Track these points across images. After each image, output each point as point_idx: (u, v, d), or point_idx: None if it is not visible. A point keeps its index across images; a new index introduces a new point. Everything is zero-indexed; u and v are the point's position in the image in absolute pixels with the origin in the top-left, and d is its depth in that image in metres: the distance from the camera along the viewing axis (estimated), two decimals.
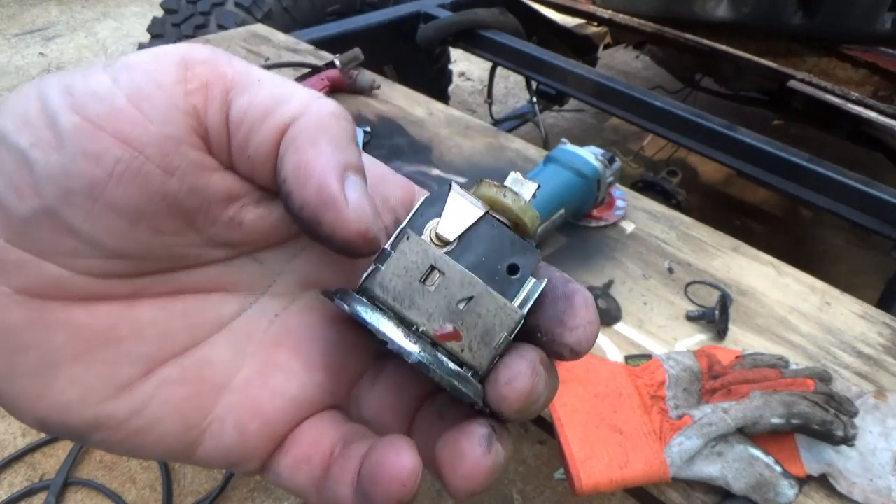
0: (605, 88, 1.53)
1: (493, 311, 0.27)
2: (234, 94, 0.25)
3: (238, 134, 0.25)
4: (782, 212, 2.44)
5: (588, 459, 0.69)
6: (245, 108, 0.24)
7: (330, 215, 0.24)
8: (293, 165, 0.24)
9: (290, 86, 0.26)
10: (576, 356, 0.27)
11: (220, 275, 0.28)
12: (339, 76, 1.33)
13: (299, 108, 0.25)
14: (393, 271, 0.27)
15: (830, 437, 0.67)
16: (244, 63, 0.26)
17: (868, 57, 1.72)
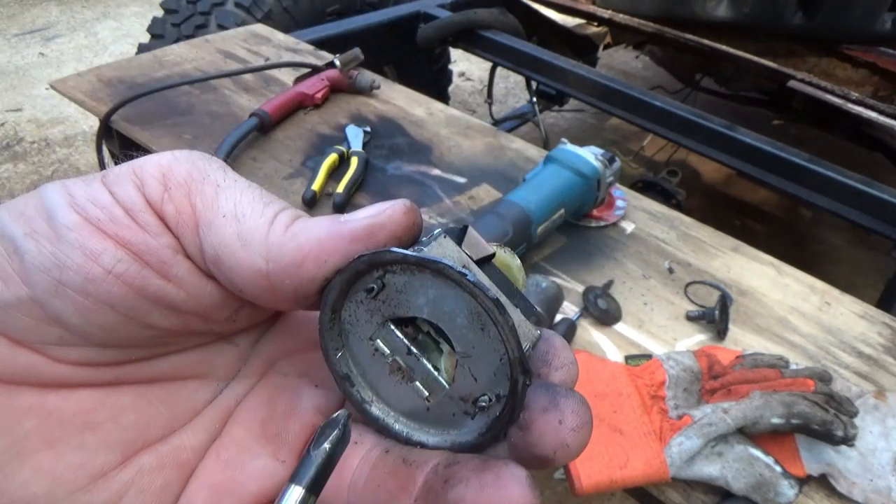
0: (605, 88, 1.53)
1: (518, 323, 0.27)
2: (202, 231, 0.25)
3: (213, 267, 0.25)
4: (782, 212, 2.44)
5: (588, 459, 0.69)
6: (215, 248, 0.25)
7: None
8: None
9: (252, 217, 0.26)
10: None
11: (198, 360, 0.29)
12: (339, 76, 1.33)
13: (264, 252, 0.25)
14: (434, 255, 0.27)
15: (830, 437, 0.67)
16: (213, 186, 0.26)
17: (868, 57, 1.72)
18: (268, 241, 0.25)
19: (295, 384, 0.30)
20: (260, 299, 0.27)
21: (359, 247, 0.26)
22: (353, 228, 0.26)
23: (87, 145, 2.60)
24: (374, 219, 0.27)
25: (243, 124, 1.15)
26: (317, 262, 0.26)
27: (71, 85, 1.29)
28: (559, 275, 0.96)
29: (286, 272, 0.25)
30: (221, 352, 0.29)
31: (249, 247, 0.25)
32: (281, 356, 0.31)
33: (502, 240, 0.88)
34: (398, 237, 0.27)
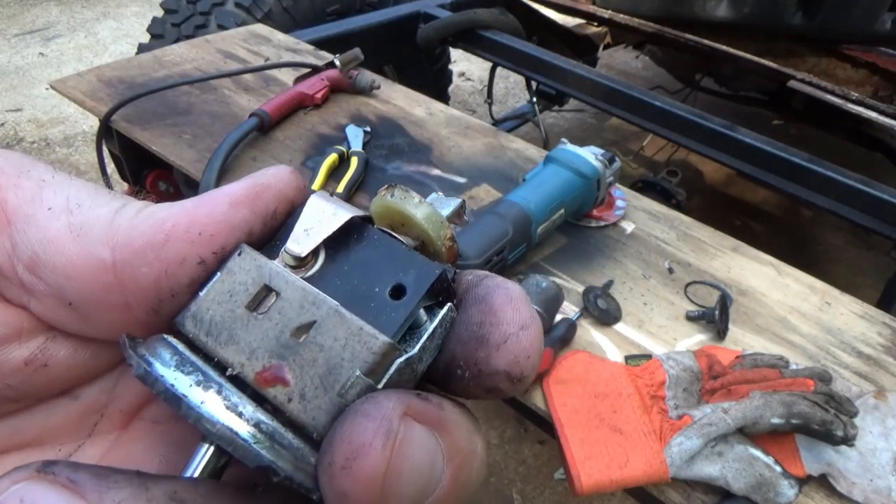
0: (605, 88, 1.53)
1: (343, 341, 0.19)
2: (14, 231, 0.20)
3: (28, 276, 0.20)
4: (782, 212, 2.44)
5: (588, 459, 0.69)
6: (33, 247, 0.20)
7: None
8: None
9: (91, 207, 0.21)
10: (517, 384, 0.19)
11: (21, 426, 0.22)
12: (339, 76, 1.33)
13: (108, 238, 0.20)
14: (214, 297, 0.20)
15: (830, 437, 0.67)
16: (36, 181, 0.21)
17: (868, 57, 1.72)
18: (112, 227, 0.20)
19: (170, 433, 0.23)
20: (98, 314, 0.20)
21: (243, 212, 0.21)
22: (230, 191, 0.21)
23: (87, 145, 2.60)
24: (255, 179, 0.22)
25: (243, 124, 1.15)
26: (187, 235, 0.20)
27: (71, 85, 1.29)
28: (559, 275, 0.96)
29: (141, 257, 0.20)
30: (58, 410, 0.22)
31: (86, 236, 0.20)
32: (147, 399, 0.24)
33: (502, 240, 0.88)
34: (288, 198, 0.22)
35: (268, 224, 0.22)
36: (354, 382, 0.19)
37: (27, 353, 0.20)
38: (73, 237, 0.20)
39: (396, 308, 0.20)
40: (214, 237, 0.20)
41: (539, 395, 0.78)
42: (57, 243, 0.20)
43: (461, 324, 0.20)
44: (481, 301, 0.20)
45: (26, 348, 0.20)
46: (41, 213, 0.20)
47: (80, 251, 0.20)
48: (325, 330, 0.19)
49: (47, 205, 0.20)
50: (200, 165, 1.09)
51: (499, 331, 0.19)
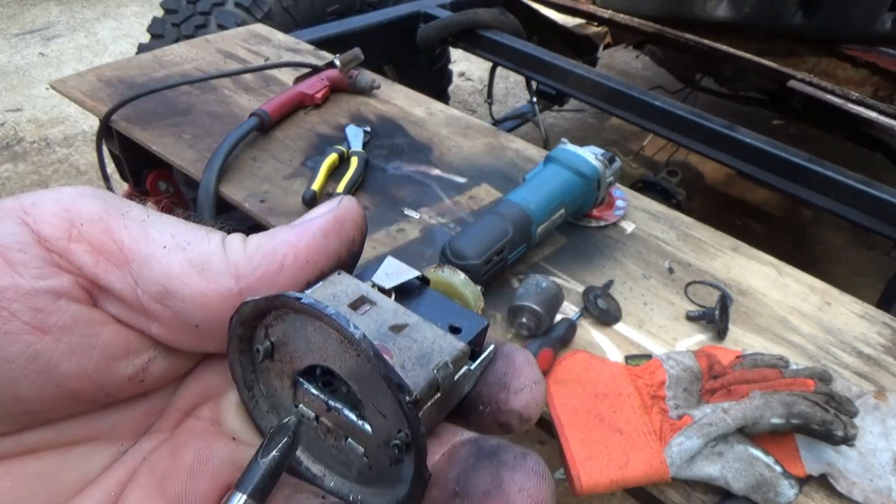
0: (605, 88, 1.53)
1: (432, 339, 0.24)
2: (135, 267, 0.23)
3: (154, 305, 0.23)
4: (782, 212, 2.44)
5: (588, 459, 0.69)
6: (161, 282, 0.22)
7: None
8: None
9: (199, 243, 0.23)
10: (525, 424, 0.24)
11: (94, 422, 0.24)
12: (339, 76, 1.33)
13: (231, 270, 0.23)
14: (320, 295, 0.24)
15: (830, 437, 0.67)
16: (138, 221, 0.23)
17: (868, 57, 1.72)
18: (230, 259, 0.23)
19: (208, 433, 0.26)
20: (219, 334, 0.24)
21: (333, 241, 0.25)
22: (322, 224, 0.25)
23: (87, 145, 2.60)
24: (336, 212, 0.25)
25: (243, 124, 1.15)
26: (296, 263, 0.24)
27: (71, 85, 1.29)
28: (559, 275, 0.96)
29: (263, 284, 0.23)
30: (127, 409, 0.25)
31: (209, 270, 0.23)
32: (201, 400, 0.27)
33: (502, 240, 0.88)
34: (361, 226, 0.26)
35: (350, 251, 0.26)
36: (444, 365, 0.23)
37: (131, 370, 0.23)
38: (197, 272, 0.23)
39: (456, 339, 0.25)
40: (317, 264, 0.25)
41: None
42: (183, 277, 0.23)
43: (489, 372, 0.25)
44: (506, 357, 0.25)
45: (131, 366, 0.23)
46: (158, 252, 0.23)
47: (207, 283, 0.23)
48: (417, 331, 0.24)
49: (160, 243, 0.23)
50: (200, 165, 1.09)
51: (518, 381, 0.24)
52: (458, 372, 0.24)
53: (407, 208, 1.07)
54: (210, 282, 0.23)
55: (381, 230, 1.02)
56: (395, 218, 1.05)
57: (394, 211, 1.06)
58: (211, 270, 0.23)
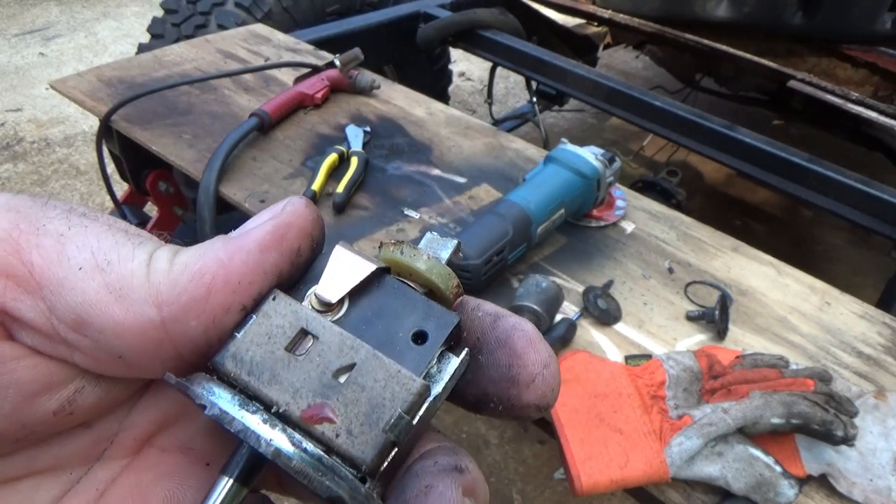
0: (605, 88, 1.53)
1: (383, 382, 0.21)
2: (48, 294, 0.20)
3: (72, 334, 0.20)
4: (782, 212, 2.44)
5: (588, 459, 0.69)
6: (75, 311, 0.20)
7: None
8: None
9: (121, 263, 0.21)
10: (544, 412, 0.22)
11: (34, 456, 0.22)
12: (339, 76, 1.33)
13: (152, 297, 0.21)
14: (252, 339, 0.21)
15: (830, 437, 0.67)
16: (55, 237, 0.21)
17: (868, 57, 1.72)
18: (152, 283, 0.20)
19: (178, 464, 0.24)
20: (146, 364, 0.21)
21: (272, 256, 0.22)
22: (258, 237, 0.22)
23: (87, 145, 2.60)
24: (277, 220, 0.22)
25: (243, 124, 1.15)
26: (227, 286, 0.21)
27: (71, 85, 1.29)
28: (559, 275, 0.96)
29: (189, 312, 0.21)
30: (69, 440, 0.23)
31: (127, 297, 0.20)
32: (160, 427, 0.24)
33: (502, 240, 0.88)
34: (309, 233, 0.23)
35: (294, 263, 0.23)
36: (398, 420, 0.21)
37: (55, 405, 0.21)
38: (115, 298, 0.20)
39: (420, 352, 0.22)
40: (252, 284, 0.22)
41: None
42: (100, 305, 0.20)
43: (490, 366, 0.23)
44: (504, 345, 0.22)
45: (56, 401, 0.21)
46: (73, 275, 0.20)
47: (125, 312, 0.20)
48: (365, 372, 0.21)
49: (76, 264, 0.20)
50: (200, 165, 1.09)
51: (526, 372, 0.22)
52: (419, 413, 0.21)
53: (407, 208, 1.07)
54: (129, 311, 0.20)
55: (381, 230, 1.02)
56: (395, 218, 1.05)
57: (394, 211, 1.06)
58: (129, 297, 0.20)
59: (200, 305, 0.21)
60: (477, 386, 0.23)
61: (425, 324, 0.23)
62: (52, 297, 0.20)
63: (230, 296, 0.21)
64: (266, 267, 0.22)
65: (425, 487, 0.20)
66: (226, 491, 0.21)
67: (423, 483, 0.20)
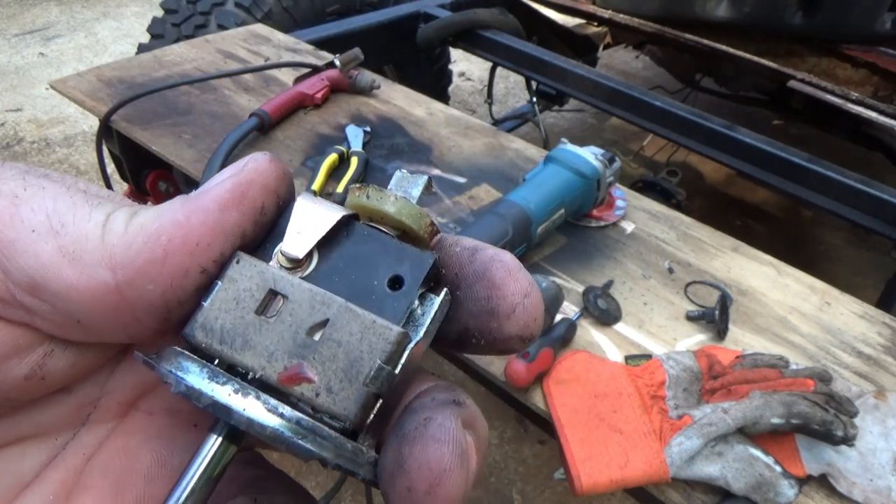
0: (605, 88, 1.53)
1: (359, 335, 0.20)
2: (3, 255, 0.20)
3: (28, 298, 0.20)
4: (782, 212, 2.44)
5: (588, 459, 0.69)
6: (30, 275, 0.19)
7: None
8: None
9: (76, 224, 0.20)
10: (528, 343, 0.22)
11: (17, 423, 0.22)
12: (339, 76, 1.33)
13: (106, 259, 0.20)
14: (220, 306, 0.21)
15: (830, 437, 0.67)
16: (9, 198, 0.20)
17: (868, 57, 1.72)
18: (106, 245, 0.20)
19: (165, 427, 0.24)
20: (107, 329, 0.21)
21: (233, 215, 0.21)
22: (218, 195, 0.21)
23: (87, 145, 2.60)
24: (237, 177, 0.21)
25: (243, 124, 1.15)
26: (185, 247, 0.20)
27: (71, 85, 1.29)
28: (559, 275, 0.96)
29: (144, 275, 0.20)
30: (51, 405, 0.23)
31: (81, 260, 0.19)
32: (145, 389, 0.24)
33: (502, 240, 0.88)
34: (273, 190, 0.22)
35: (258, 222, 0.22)
36: (378, 372, 0.20)
37: (26, 369, 0.21)
38: (69, 262, 0.20)
39: (397, 298, 0.21)
40: (211, 246, 0.21)
41: (539, 395, 0.78)
42: (53, 269, 0.19)
43: (469, 300, 0.22)
44: (482, 277, 0.22)
45: (25, 365, 0.21)
46: (25, 237, 0.20)
47: (79, 276, 0.20)
48: (340, 326, 0.20)
49: (29, 226, 0.20)
50: (200, 165, 1.09)
51: (506, 303, 0.21)
52: (400, 361, 0.21)
53: None
54: (82, 274, 0.19)
55: None
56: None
57: None
58: (82, 260, 0.20)
59: (157, 268, 0.20)
60: (457, 322, 0.22)
61: (400, 268, 0.22)
62: (5, 262, 0.19)
63: (188, 258, 0.20)
64: (226, 227, 0.21)
65: (424, 420, 0.19)
66: (214, 450, 0.20)
67: (422, 416, 0.20)
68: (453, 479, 0.18)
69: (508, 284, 0.21)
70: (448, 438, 0.19)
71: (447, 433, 0.19)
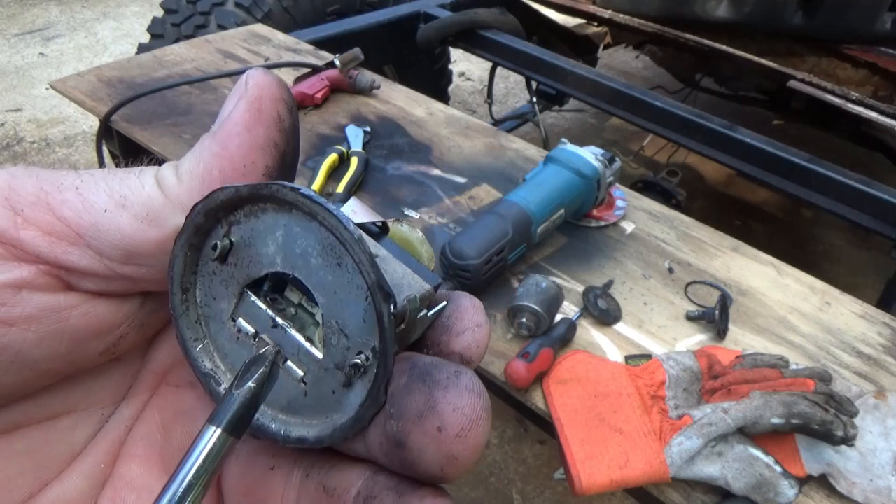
0: (605, 88, 1.53)
1: (401, 274, 0.24)
2: (90, 239, 0.22)
3: (126, 268, 0.22)
4: (782, 212, 2.44)
5: (588, 459, 0.69)
6: (121, 247, 0.22)
7: None
8: None
9: (136, 192, 0.23)
10: (467, 364, 0.23)
11: (71, 392, 0.24)
12: (339, 76, 1.33)
13: (177, 208, 0.23)
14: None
15: (830, 437, 0.67)
16: (73, 190, 0.22)
17: (868, 57, 1.72)
18: (172, 199, 0.23)
19: (191, 400, 0.26)
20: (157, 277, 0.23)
21: (259, 132, 0.23)
22: (238, 118, 0.23)
23: (87, 145, 2.60)
24: (247, 97, 0.23)
25: None
26: (235, 171, 0.23)
27: (71, 85, 1.29)
28: (559, 275, 0.96)
29: None
30: (102, 374, 0.25)
31: (157, 218, 0.22)
32: (173, 362, 0.26)
33: (502, 240, 0.88)
34: (280, 97, 0.24)
35: (282, 130, 0.24)
36: (413, 299, 0.22)
37: (103, 347, 0.23)
38: (147, 224, 0.22)
39: (423, 281, 0.24)
40: (256, 163, 0.23)
41: (539, 395, 0.78)
42: (139, 234, 0.22)
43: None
44: (451, 302, 0.24)
45: (103, 343, 0.23)
46: (102, 218, 0.22)
47: (163, 231, 0.22)
48: (388, 263, 0.23)
49: (100, 208, 0.22)
50: None
51: (461, 323, 0.24)
52: (419, 312, 0.23)
53: (407, 208, 1.07)
54: (166, 229, 0.22)
55: None
56: (395, 218, 1.05)
57: (394, 211, 1.06)
58: (159, 218, 0.22)
59: None
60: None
61: (418, 271, 0.25)
62: (96, 243, 0.22)
63: (241, 179, 0.23)
64: (259, 142, 0.23)
65: (455, 371, 0.21)
66: (213, 441, 0.20)
67: (452, 369, 0.21)
68: (482, 428, 0.20)
69: (468, 312, 0.24)
70: (481, 391, 0.21)
71: (479, 387, 0.21)
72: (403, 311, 0.22)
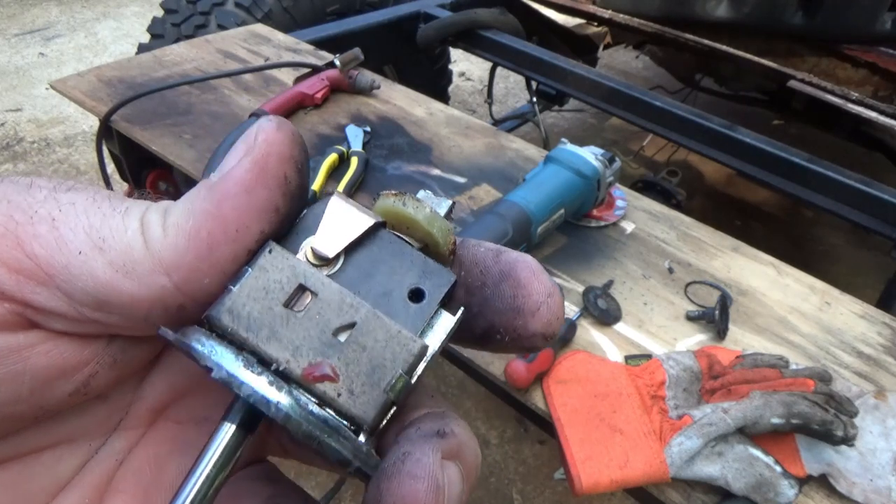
0: (605, 88, 1.53)
1: (384, 342, 0.21)
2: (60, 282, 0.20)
3: (96, 314, 0.21)
4: (782, 212, 2.44)
5: (588, 459, 0.69)
6: (92, 294, 0.20)
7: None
8: None
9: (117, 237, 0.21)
10: (550, 340, 0.23)
11: (55, 428, 0.23)
12: (339, 76, 1.33)
13: (158, 265, 0.21)
14: (249, 293, 0.21)
15: (830, 437, 0.67)
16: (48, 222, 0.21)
17: (868, 57, 1.72)
18: (153, 253, 0.20)
19: (191, 436, 0.25)
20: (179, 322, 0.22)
21: (260, 195, 0.21)
22: (240, 177, 0.21)
23: (87, 145, 2.60)
24: (253, 154, 0.21)
25: (243, 124, 1.15)
26: (226, 236, 0.21)
27: (71, 85, 1.29)
28: (559, 275, 0.96)
29: (197, 271, 0.21)
30: (87, 411, 0.23)
31: (134, 271, 0.20)
32: (173, 398, 0.25)
33: (502, 240, 0.88)
34: (290, 156, 0.22)
35: (286, 193, 0.22)
36: (398, 380, 0.21)
37: (71, 387, 0.22)
38: (123, 275, 0.20)
39: (418, 311, 0.22)
40: (250, 227, 0.21)
41: (539, 395, 0.78)
42: (111, 285, 0.20)
43: (495, 298, 0.23)
44: (508, 276, 0.23)
45: (72, 384, 0.22)
46: (76, 260, 0.20)
47: (138, 287, 0.20)
48: (366, 331, 0.21)
49: (75, 249, 0.20)
50: (200, 165, 1.09)
51: (531, 301, 0.22)
52: (416, 373, 0.21)
53: None
54: (141, 285, 0.20)
55: None
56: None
57: None
58: (136, 271, 0.20)
59: (206, 262, 0.21)
60: (483, 318, 0.23)
61: (422, 281, 0.22)
62: (65, 285, 0.20)
63: (232, 245, 0.21)
64: (258, 205, 0.21)
65: (403, 454, 0.20)
66: (228, 438, 0.20)
67: (402, 450, 0.20)
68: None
69: (533, 284, 0.22)
70: (423, 474, 0.19)
71: (423, 469, 0.19)
72: (387, 403, 0.21)
